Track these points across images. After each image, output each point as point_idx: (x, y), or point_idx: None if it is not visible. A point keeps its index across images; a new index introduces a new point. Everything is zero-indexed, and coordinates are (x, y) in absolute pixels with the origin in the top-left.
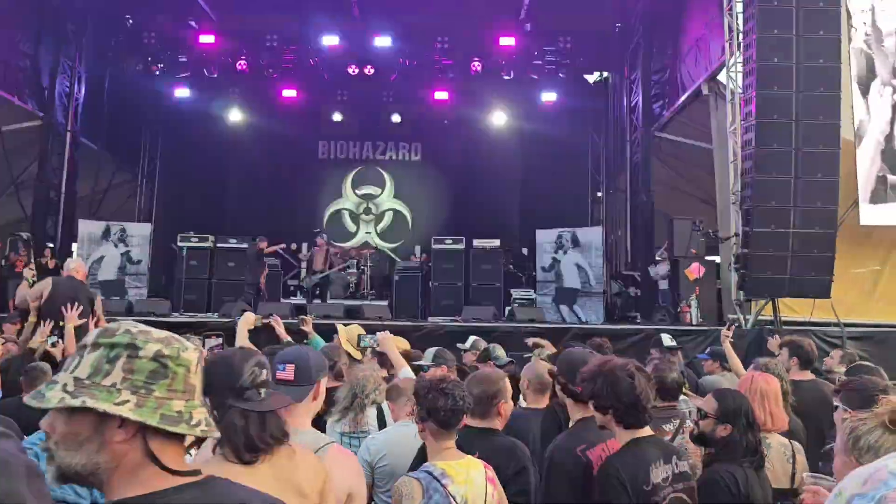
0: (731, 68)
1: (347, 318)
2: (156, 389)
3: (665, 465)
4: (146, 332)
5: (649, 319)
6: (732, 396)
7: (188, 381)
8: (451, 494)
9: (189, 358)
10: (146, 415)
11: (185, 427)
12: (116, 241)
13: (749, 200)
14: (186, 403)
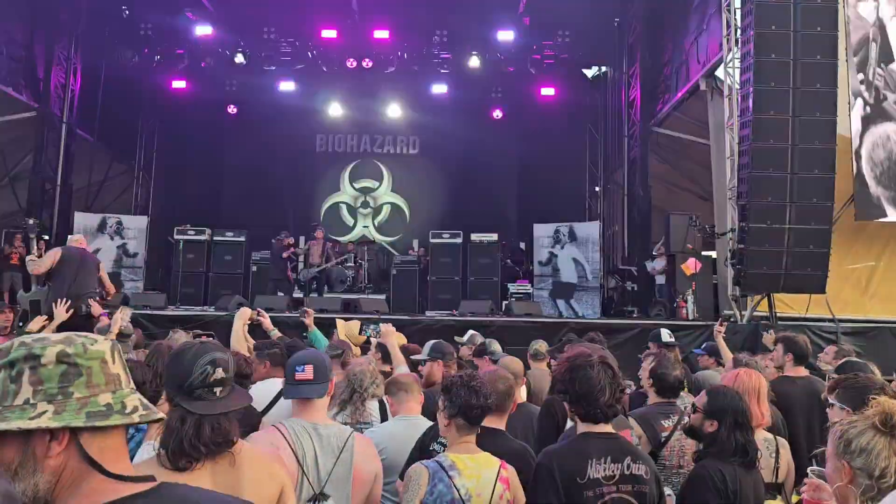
0: (729, 64)
1: (345, 312)
2: (74, 391)
3: (612, 464)
4: (42, 339)
5: (646, 314)
6: (724, 394)
7: (107, 371)
8: (455, 486)
9: (99, 349)
10: (69, 418)
11: (119, 417)
12: (112, 234)
13: (745, 196)
14: (114, 395)
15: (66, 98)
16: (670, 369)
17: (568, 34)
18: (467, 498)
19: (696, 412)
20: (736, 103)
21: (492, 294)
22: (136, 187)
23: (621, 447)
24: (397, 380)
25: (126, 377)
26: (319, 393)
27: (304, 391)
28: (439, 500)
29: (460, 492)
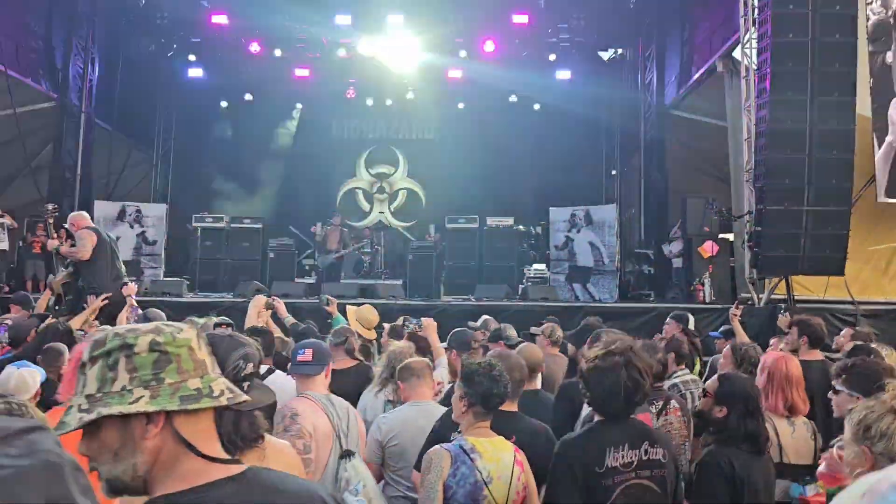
0: (746, 45)
1: (361, 298)
2: (166, 377)
3: (630, 451)
4: (134, 329)
5: (663, 298)
6: (737, 381)
7: (195, 358)
8: (477, 468)
9: (186, 337)
10: (164, 401)
11: (209, 401)
12: (132, 222)
13: (763, 178)
14: (202, 379)
15: (85, 88)
16: (654, 352)
17: (583, 17)
18: (489, 480)
19: (707, 396)
20: (753, 84)
21: (508, 279)
22: (154, 175)
23: (639, 432)
24: (409, 365)
25: (211, 363)
26: (317, 371)
27: (304, 370)
28: (462, 482)
29: (482, 474)
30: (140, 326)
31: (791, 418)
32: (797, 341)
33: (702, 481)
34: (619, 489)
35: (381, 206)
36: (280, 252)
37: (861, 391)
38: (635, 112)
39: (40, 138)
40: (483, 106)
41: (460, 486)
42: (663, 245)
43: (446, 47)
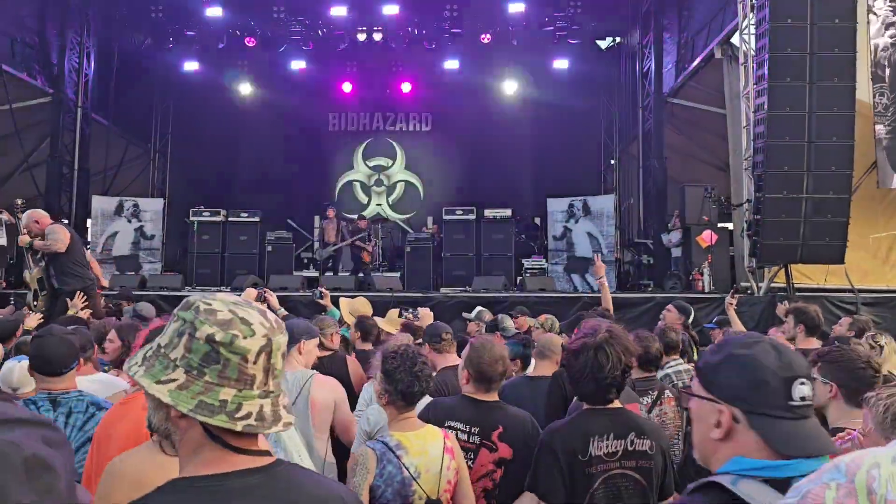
0: (744, 30)
1: (359, 291)
2: (207, 373)
3: (614, 440)
4: (209, 312)
5: (662, 288)
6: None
7: (244, 370)
8: (404, 465)
9: (246, 346)
10: (181, 399)
11: (224, 419)
12: (130, 217)
13: (761, 166)
14: (238, 393)
15: (81, 82)
16: (651, 341)
17: (580, 5)
18: (417, 475)
19: None
20: (751, 71)
21: (506, 270)
22: (152, 170)
23: (626, 422)
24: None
25: (263, 379)
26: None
27: None
28: (389, 481)
29: (409, 470)
30: (218, 312)
31: None
32: (794, 329)
33: (701, 473)
34: (602, 478)
35: (378, 199)
36: (278, 245)
37: (834, 379)
38: (633, 101)
39: (37, 134)
40: (480, 96)
41: (388, 485)
42: (662, 235)
43: (442, 38)
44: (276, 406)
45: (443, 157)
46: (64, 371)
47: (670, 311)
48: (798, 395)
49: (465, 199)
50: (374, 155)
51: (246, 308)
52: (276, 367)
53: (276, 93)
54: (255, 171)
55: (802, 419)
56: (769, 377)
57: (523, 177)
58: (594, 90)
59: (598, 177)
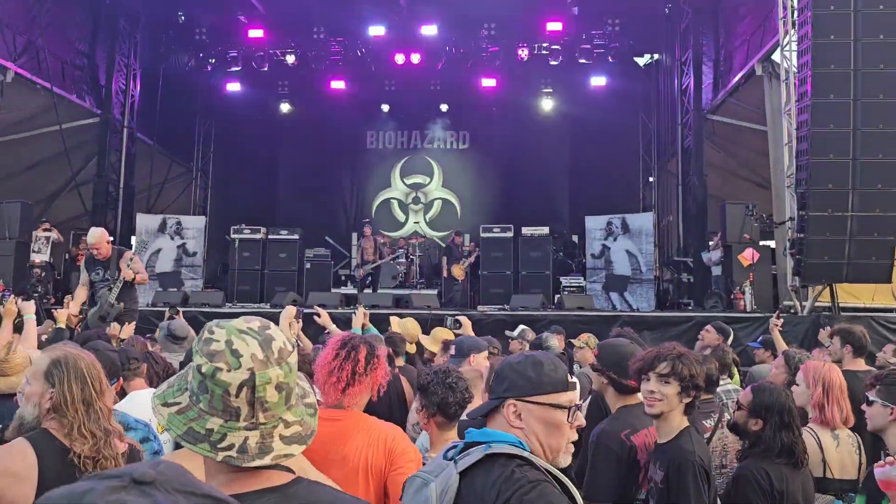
0: (786, 47)
1: (396, 308)
2: (201, 401)
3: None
4: (206, 342)
5: (702, 307)
6: (770, 392)
7: (227, 402)
8: None
9: (226, 380)
10: (175, 423)
11: (207, 447)
12: (172, 234)
13: (805, 183)
14: (224, 423)
15: (127, 103)
16: (710, 362)
17: (618, 22)
18: None
19: (741, 409)
20: (793, 87)
21: (544, 288)
22: (194, 188)
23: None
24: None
25: (249, 412)
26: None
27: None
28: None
29: None
30: (214, 343)
31: (835, 431)
32: (840, 351)
33: (738, 495)
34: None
35: (416, 216)
36: (316, 263)
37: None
38: (672, 118)
39: (84, 153)
40: (517, 114)
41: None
42: (702, 253)
43: (480, 56)
44: (266, 438)
45: (480, 174)
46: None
47: (709, 332)
48: None
49: (503, 216)
50: (412, 173)
51: (249, 337)
52: (267, 400)
53: (315, 112)
54: (295, 189)
55: None
56: None
57: (561, 194)
58: (632, 107)
59: (636, 194)
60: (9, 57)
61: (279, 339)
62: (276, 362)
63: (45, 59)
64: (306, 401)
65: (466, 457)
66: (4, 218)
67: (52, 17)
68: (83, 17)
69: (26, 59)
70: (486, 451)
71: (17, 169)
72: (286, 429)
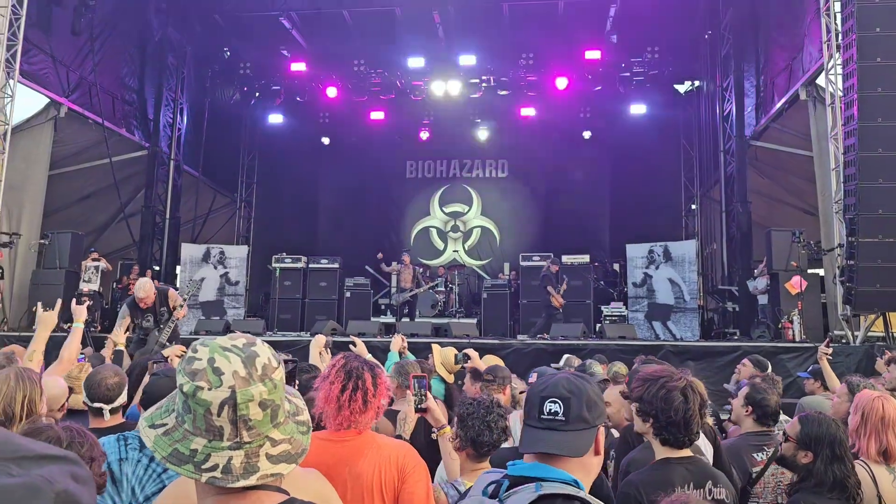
0: (830, 71)
1: (435, 337)
2: (186, 421)
3: (694, 490)
4: (189, 361)
5: (748, 336)
6: (818, 422)
7: (210, 421)
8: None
9: (207, 398)
10: (160, 445)
11: (190, 468)
12: (216, 263)
13: (853, 209)
14: (208, 444)
15: (174, 136)
16: (769, 394)
17: (657, 49)
18: None
19: (788, 441)
20: (839, 111)
21: (584, 317)
22: (237, 218)
23: (702, 471)
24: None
25: (232, 431)
26: None
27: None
28: None
29: None
30: (197, 359)
31: (891, 465)
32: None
33: None
34: None
35: (455, 245)
36: (356, 291)
37: None
38: (714, 144)
39: (133, 185)
40: (556, 142)
41: None
42: (748, 281)
43: (518, 85)
44: (252, 458)
45: (519, 202)
46: None
47: (745, 366)
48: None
49: (542, 244)
50: (451, 201)
51: (232, 354)
52: (252, 418)
53: (355, 142)
54: (335, 219)
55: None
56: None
57: (601, 222)
58: (672, 134)
59: (678, 222)
60: (62, 93)
61: (263, 356)
62: (260, 379)
63: (97, 95)
64: (298, 418)
65: (514, 495)
66: (56, 248)
67: (104, 55)
68: (133, 54)
69: (79, 94)
70: (539, 491)
71: (68, 200)
72: (273, 447)
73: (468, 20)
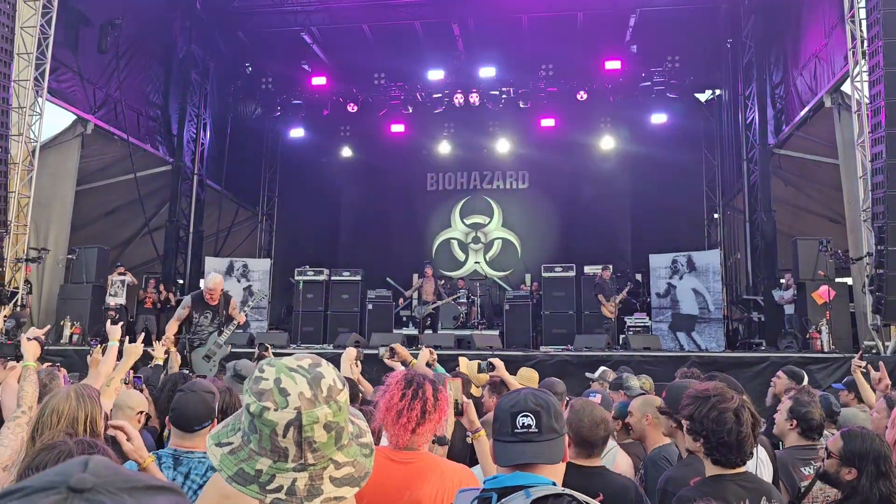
0: (856, 78)
1: (458, 349)
2: (252, 441)
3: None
4: (255, 381)
5: (775, 347)
6: (862, 438)
7: (275, 442)
8: None
9: (273, 419)
10: (226, 463)
11: (255, 489)
12: (239, 277)
13: (882, 217)
14: (273, 464)
15: (197, 151)
16: (813, 406)
17: (678, 59)
18: None
19: (831, 457)
20: (866, 119)
21: (608, 328)
22: (259, 231)
23: (757, 488)
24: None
25: (297, 452)
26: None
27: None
28: None
29: None
30: (264, 379)
31: None
32: None
33: None
34: None
35: (476, 256)
36: (378, 303)
37: None
38: (737, 153)
39: (157, 200)
40: (577, 153)
41: None
42: (773, 291)
43: (538, 96)
44: (316, 480)
45: (540, 213)
46: (196, 429)
47: (780, 378)
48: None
49: (564, 255)
50: (472, 213)
51: (298, 375)
52: (316, 440)
53: (376, 155)
54: (357, 231)
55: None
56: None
57: (623, 232)
58: (694, 143)
59: (701, 231)
60: (89, 110)
61: (329, 377)
62: (325, 401)
63: (122, 111)
64: (361, 440)
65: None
66: (83, 263)
67: (129, 72)
68: (157, 72)
69: (105, 111)
70: (531, 497)
71: (95, 215)
72: (337, 470)
73: (488, 33)
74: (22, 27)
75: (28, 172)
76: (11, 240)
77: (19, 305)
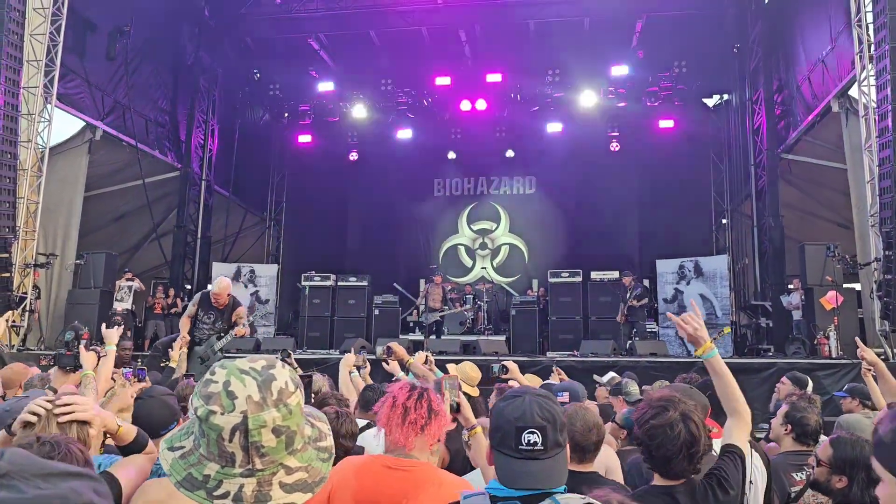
0: (863, 82)
1: (464, 354)
2: (202, 445)
3: None
4: (205, 383)
5: (783, 353)
6: (852, 445)
7: (222, 447)
8: None
9: (218, 423)
10: (177, 468)
11: (203, 495)
12: (246, 282)
13: (890, 222)
14: (221, 469)
15: (205, 157)
16: (810, 412)
17: (685, 64)
18: None
19: (820, 465)
20: (874, 123)
21: (614, 334)
22: (267, 237)
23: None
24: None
25: (245, 457)
26: None
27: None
28: None
29: None
30: (214, 382)
31: None
32: None
33: None
34: None
35: (483, 262)
36: (384, 309)
37: None
38: (744, 158)
39: (165, 206)
40: (584, 158)
41: None
42: (781, 297)
43: (545, 102)
44: (264, 486)
45: (547, 219)
46: (162, 433)
47: (784, 384)
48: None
49: (571, 261)
50: (479, 219)
51: (249, 378)
52: (265, 444)
53: (383, 161)
54: (363, 237)
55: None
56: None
57: (630, 238)
58: (701, 148)
59: (709, 237)
60: (98, 116)
61: (281, 380)
62: (274, 404)
63: (131, 118)
64: (319, 444)
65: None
66: (91, 268)
67: (137, 78)
68: (165, 78)
69: (113, 117)
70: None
71: (103, 221)
72: (288, 475)
73: (494, 38)
74: (31, 34)
75: (37, 178)
76: (20, 245)
77: (27, 311)
